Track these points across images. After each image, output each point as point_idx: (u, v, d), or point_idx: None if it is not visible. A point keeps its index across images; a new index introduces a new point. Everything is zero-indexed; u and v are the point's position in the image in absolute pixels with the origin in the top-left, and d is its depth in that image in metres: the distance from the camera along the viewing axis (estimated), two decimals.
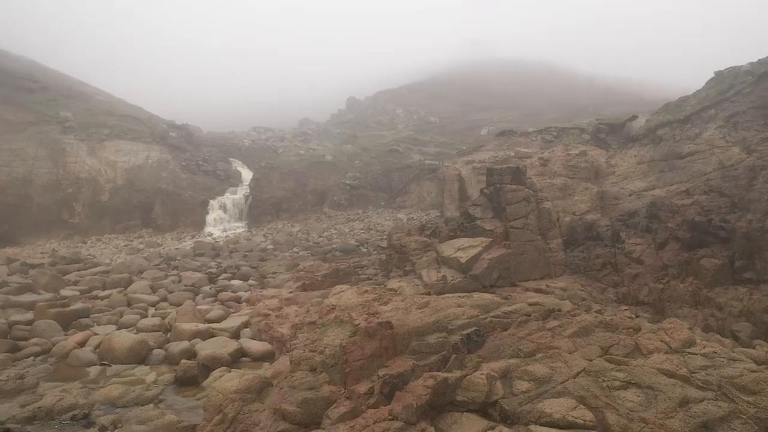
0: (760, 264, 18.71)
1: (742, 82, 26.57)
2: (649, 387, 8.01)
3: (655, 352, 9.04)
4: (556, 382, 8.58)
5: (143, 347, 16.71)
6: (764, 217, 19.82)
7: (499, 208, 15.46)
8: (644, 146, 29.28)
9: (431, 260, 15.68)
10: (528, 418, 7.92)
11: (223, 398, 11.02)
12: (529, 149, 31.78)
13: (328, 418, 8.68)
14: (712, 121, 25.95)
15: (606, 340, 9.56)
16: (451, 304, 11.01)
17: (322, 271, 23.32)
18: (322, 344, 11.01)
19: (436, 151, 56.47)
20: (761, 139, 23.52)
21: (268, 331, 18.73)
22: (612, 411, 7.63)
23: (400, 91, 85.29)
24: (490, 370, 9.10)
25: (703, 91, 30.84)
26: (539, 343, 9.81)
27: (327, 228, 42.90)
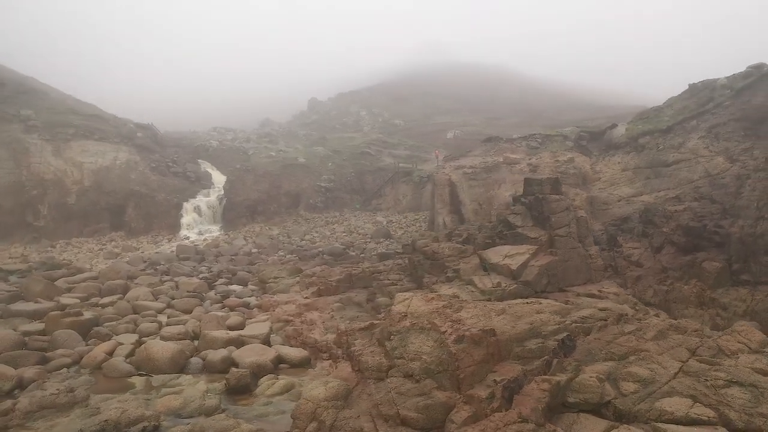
0: (755, 267, 20.23)
1: (721, 95, 28.47)
2: (752, 385, 8.88)
3: (738, 353, 9.96)
4: (661, 383, 9.34)
5: (182, 356, 16.58)
6: (755, 223, 21.40)
7: (541, 217, 16.24)
8: (627, 154, 30.87)
9: (475, 267, 16.29)
10: (647, 417, 8.63)
11: (314, 406, 11.25)
12: (517, 155, 32.91)
13: (453, 423, 9.13)
14: (695, 132, 27.70)
15: (689, 342, 10.43)
16: (529, 311, 11.64)
17: (334, 277, 23.55)
18: (408, 351, 11.42)
19: (407, 154, 57.21)
20: (743, 149, 25.33)
21: (297, 337, 18.87)
22: (727, 408, 8.44)
23: (362, 92, 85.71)
24: (594, 372, 9.80)
25: (679, 102, 32.76)
26: (628, 347, 10.59)
27: (307, 231, 42.92)
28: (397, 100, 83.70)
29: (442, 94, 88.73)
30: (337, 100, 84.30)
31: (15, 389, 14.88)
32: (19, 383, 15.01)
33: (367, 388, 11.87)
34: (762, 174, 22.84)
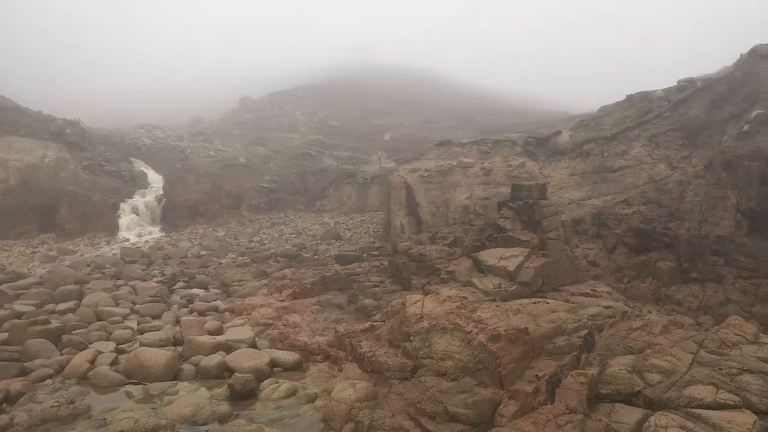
0: (702, 266, 22.21)
1: (659, 106, 30.82)
2: (761, 372, 10.02)
3: (738, 344, 11.16)
4: (681, 373, 10.33)
5: (175, 363, 16.24)
6: (699, 225, 23.48)
7: (531, 221, 17.13)
8: (573, 159, 32.75)
9: (469, 268, 16.94)
10: (677, 404, 9.55)
11: (348, 407, 11.53)
12: (469, 159, 34.08)
13: (503, 417, 9.68)
14: (637, 140, 29.84)
15: (694, 336, 11.55)
16: (544, 310, 12.42)
17: (308, 279, 23.61)
18: (436, 351, 11.91)
19: (348, 156, 57.52)
20: (681, 157, 27.59)
21: (284, 340, 18.84)
22: (747, 393, 9.51)
23: (295, 93, 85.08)
24: (620, 365, 10.67)
25: (618, 111, 35.10)
26: (642, 341, 11.57)
27: (254, 232, 42.34)
28: (331, 101, 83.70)
29: (372, 96, 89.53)
30: (270, 100, 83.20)
31: (2, 403, 14.12)
32: (6, 396, 14.23)
33: (394, 388, 12.25)
34: (702, 180, 25.02)
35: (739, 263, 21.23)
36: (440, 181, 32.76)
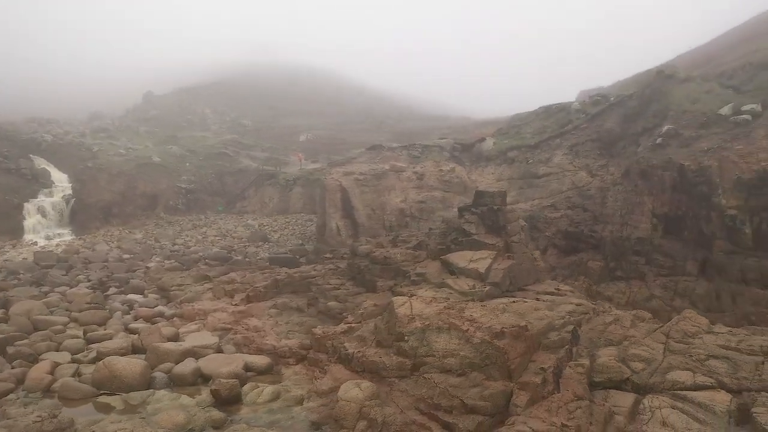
0: (626, 265, 24.62)
1: (578, 118, 33.49)
2: (724, 357, 11.65)
3: (697, 334, 12.82)
4: (659, 361, 11.77)
5: (148, 372, 15.84)
6: (621, 228, 25.95)
7: (495, 225, 18.24)
8: (499, 165, 34.76)
9: (439, 270, 17.76)
10: (662, 387, 10.93)
11: (358, 406, 11.98)
12: (401, 163, 35.16)
13: (517, 406, 10.57)
14: (559, 149, 32.26)
15: (659, 328, 13.12)
16: (528, 309, 13.52)
17: (260, 283, 23.53)
18: (436, 349, 12.66)
19: (265, 156, 56.90)
20: (600, 165, 30.24)
21: (250, 344, 18.82)
22: (718, 375, 11.05)
23: (202, 90, 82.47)
24: (607, 356, 11.96)
25: (537, 121, 37.63)
26: (618, 334, 12.95)
27: (176, 235, 40.98)
28: (240, 99, 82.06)
29: (281, 96, 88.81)
30: (177, 96, 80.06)
31: None
32: None
33: (396, 386, 12.87)
34: (620, 187, 27.63)
35: (658, 262, 23.76)
36: (375, 184, 33.57)
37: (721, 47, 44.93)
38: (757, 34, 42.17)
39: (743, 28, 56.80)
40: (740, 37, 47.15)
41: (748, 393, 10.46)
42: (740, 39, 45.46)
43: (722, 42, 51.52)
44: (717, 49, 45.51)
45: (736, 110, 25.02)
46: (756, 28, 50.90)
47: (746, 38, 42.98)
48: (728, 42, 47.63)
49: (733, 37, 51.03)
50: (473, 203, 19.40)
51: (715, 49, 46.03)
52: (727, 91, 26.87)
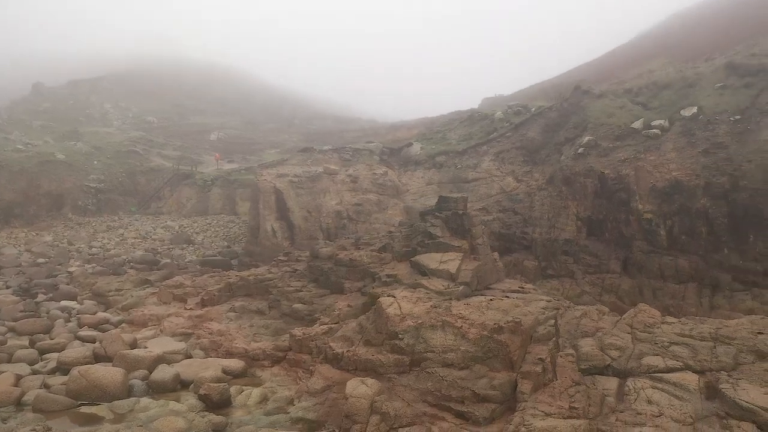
0: (556, 264, 26.85)
1: (502, 126, 35.72)
2: (683, 343, 13.46)
3: (654, 324, 14.63)
4: (631, 348, 13.38)
5: (127, 380, 15.48)
6: (549, 230, 28.23)
7: (460, 229, 19.33)
8: (428, 170, 36.28)
9: (410, 272, 18.56)
10: (640, 371, 12.52)
11: (369, 401, 12.63)
12: (335, 166, 35.69)
13: (523, 393, 11.67)
14: (486, 155, 34.28)
15: (621, 319, 14.83)
16: (509, 306, 14.72)
17: (214, 287, 23.27)
18: (434, 345, 13.55)
19: (178, 155, 55.02)
20: (524, 172, 32.54)
21: (218, 348, 18.79)
22: (682, 359, 12.81)
23: (100, 82, 77.67)
24: (589, 346, 13.42)
25: (461, 128, 39.62)
26: (591, 326, 14.47)
27: (91, 237, 38.86)
28: (142, 94, 78.28)
29: (185, 92, 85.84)
30: (71, 88, 74.76)
31: None
32: None
33: (397, 381, 13.63)
34: (545, 192, 29.98)
35: (585, 261, 26.17)
36: (310, 186, 33.86)
37: (618, 64, 49.47)
38: (647, 54, 46.93)
39: (631, 45, 62.83)
40: (632, 55, 52.16)
41: (710, 372, 12.30)
42: (632, 57, 50.29)
43: (617, 58, 56.70)
44: (613, 64, 50.03)
45: (647, 125, 28.04)
46: (643, 45, 56.57)
47: (638, 56, 47.69)
48: (623, 59, 52.50)
49: (625, 54, 56.31)
50: (436, 207, 20.52)
51: (611, 65, 50.56)
52: (637, 107, 30.00)
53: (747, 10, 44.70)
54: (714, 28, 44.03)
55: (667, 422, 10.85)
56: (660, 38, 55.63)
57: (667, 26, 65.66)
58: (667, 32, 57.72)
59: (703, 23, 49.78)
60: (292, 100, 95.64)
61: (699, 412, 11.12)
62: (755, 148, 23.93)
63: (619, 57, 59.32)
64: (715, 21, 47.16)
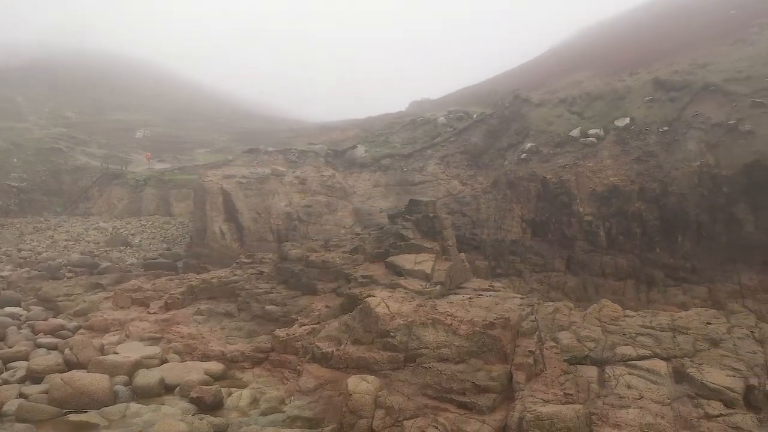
0: (504, 264, 28.40)
1: (446, 131, 37.07)
2: (648, 334, 14.95)
3: (618, 318, 16.09)
4: (603, 340, 14.71)
5: (112, 386, 15.23)
6: (496, 231, 29.81)
7: (431, 231, 20.12)
8: (374, 172, 37.05)
9: (385, 272, 19.09)
10: (615, 360, 13.84)
11: (372, 397, 13.23)
12: (281, 167, 35.69)
13: (519, 383, 12.64)
14: (431, 159, 35.49)
15: (588, 314, 16.21)
16: (490, 303, 15.70)
17: (176, 290, 22.91)
18: (428, 342, 14.35)
19: (104, 153, 52.76)
20: (469, 175, 34.02)
21: (193, 352, 18.72)
22: (650, 347, 14.26)
23: (8, 74, 72.66)
24: (567, 338, 14.63)
25: (403, 132, 40.67)
26: (564, 321, 15.71)
27: (18, 239, 36.75)
28: (58, 88, 74.05)
29: (105, 88, 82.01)
30: None
31: None
32: None
33: (394, 377, 14.32)
34: (490, 196, 31.56)
35: (531, 261, 27.84)
36: (259, 188, 33.70)
37: (545, 72, 52.19)
38: (573, 65, 49.91)
39: (554, 55, 66.44)
40: (557, 64, 55.24)
41: (675, 359, 13.85)
42: (558, 66, 53.28)
43: (540, 66, 59.83)
44: (541, 73, 52.71)
45: (584, 133, 30.17)
46: (566, 56, 60.02)
47: (564, 66, 50.62)
48: (547, 68, 55.49)
49: (549, 63, 59.51)
50: (406, 210, 21.32)
51: (540, 73, 53.23)
52: (573, 116, 32.16)
53: (662, 29, 48.70)
54: (634, 42, 47.56)
55: (649, 404, 12.21)
56: (582, 50, 59.22)
57: (585, 39, 70.02)
58: (587, 44, 61.53)
59: (623, 38, 53.57)
60: (215, 98, 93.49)
61: (673, 393, 12.57)
62: (682, 157, 26.42)
63: (542, 66, 62.63)
64: (635, 36, 50.90)
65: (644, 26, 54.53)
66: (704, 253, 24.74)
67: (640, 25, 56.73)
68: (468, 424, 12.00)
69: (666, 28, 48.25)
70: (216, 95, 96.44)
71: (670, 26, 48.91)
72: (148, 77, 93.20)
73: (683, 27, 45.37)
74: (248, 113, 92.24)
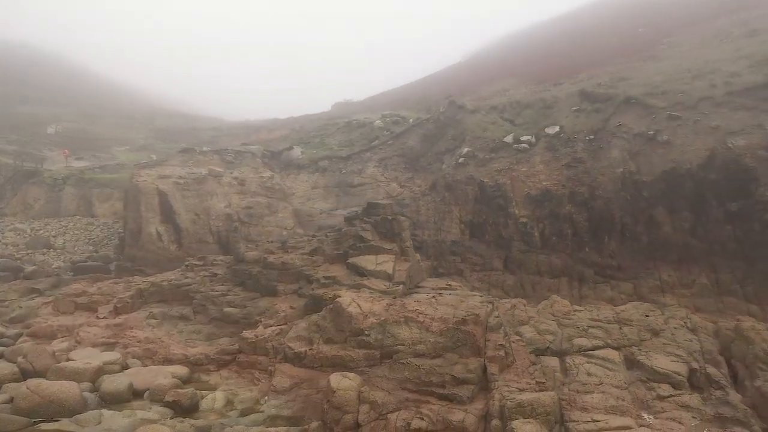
0: (445, 264, 29.61)
1: (384, 135, 37.92)
2: (597, 326, 16.38)
3: (569, 313, 17.43)
4: (560, 333, 15.96)
5: (82, 393, 14.84)
6: (437, 232, 31.01)
7: (390, 233, 20.68)
8: (312, 174, 37.37)
9: (347, 273, 19.48)
10: (573, 350, 15.12)
11: (356, 393, 13.80)
12: (219, 168, 35.17)
13: (494, 374, 13.56)
14: (370, 162, 36.25)
15: (553, 310, 17.50)
16: (454, 301, 16.57)
17: (122, 294, 22.26)
18: (403, 339, 15.07)
19: (15, 150, 49.46)
20: (407, 178, 35.10)
21: (153, 356, 18.44)
22: (602, 338, 15.67)
23: None
24: (529, 332, 15.77)
25: (338, 135, 41.18)
26: (523, 316, 16.83)
27: None
28: None
29: (7, 77, 76.52)
30: None
31: None
32: None
33: (372, 373, 14.93)
34: (429, 198, 32.72)
35: (471, 260, 29.20)
36: (197, 189, 33.08)
37: (467, 79, 54.36)
38: (497, 73, 52.31)
39: (475, 63, 69.08)
40: (479, 71, 57.63)
41: (625, 348, 15.38)
42: (481, 73, 55.63)
43: (463, 72, 62.14)
44: (466, 79, 54.81)
45: (517, 139, 31.99)
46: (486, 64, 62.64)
47: (488, 74, 52.96)
48: (469, 74, 57.80)
49: (470, 70, 61.91)
50: (364, 213, 21.92)
51: (465, 80, 55.30)
52: (506, 123, 33.99)
53: (577, 43, 52.02)
54: (554, 55, 50.48)
55: (609, 388, 13.57)
56: (500, 59, 62.04)
57: (502, 49, 73.33)
58: (505, 54, 64.51)
59: (540, 50, 56.64)
60: (130, 94, 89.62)
61: (628, 378, 14.01)
62: (607, 163, 28.68)
63: (463, 73, 65.04)
64: (553, 49, 53.98)
65: (560, 40, 57.91)
66: (628, 252, 26.99)
67: (556, 38, 60.20)
68: (452, 413, 12.82)
69: (580, 43, 51.61)
70: (131, 91, 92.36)
71: (585, 41, 52.38)
72: (59, 70, 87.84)
73: (597, 42, 48.77)
74: (164, 110, 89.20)
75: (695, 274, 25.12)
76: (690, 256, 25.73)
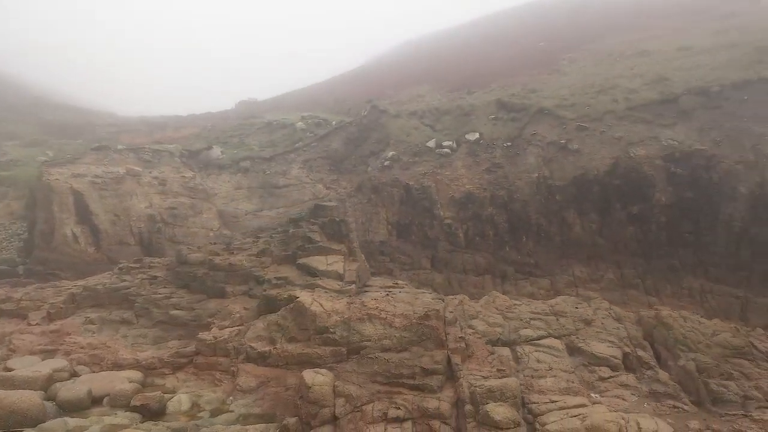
0: (375, 263, 30.53)
1: (307, 138, 38.23)
2: (541, 319, 17.96)
3: (512, 306, 18.91)
4: (507, 325, 17.34)
5: (43, 402, 14.30)
6: (365, 233, 31.91)
7: (337, 234, 21.11)
8: (234, 174, 36.94)
9: (298, 273, 19.65)
10: (521, 341, 16.55)
11: (330, 387, 14.46)
12: (137, 167, 33.84)
13: (458, 364, 14.63)
14: (295, 163, 36.45)
15: (496, 305, 18.87)
16: (410, 298, 17.51)
17: (53, 299, 21.18)
18: (369, 335, 15.86)
19: None
20: (332, 180, 35.73)
21: (101, 362, 17.95)
22: (545, 329, 17.24)
23: None
24: (482, 325, 17.04)
25: (259, 135, 40.92)
26: (472, 311, 18.04)
27: None
28: None
29: None
30: None
31: None
32: None
33: (341, 368, 15.61)
34: (355, 199, 33.60)
35: (399, 260, 30.42)
36: (115, 188, 31.70)
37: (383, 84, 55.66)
38: (409, 79, 54.03)
39: (383, 66, 70.65)
40: (387, 76, 59.16)
41: (565, 337, 17.13)
42: (390, 78, 57.17)
43: (372, 76, 63.49)
44: (380, 84, 56.07)
45: (439, 144, 33.65)
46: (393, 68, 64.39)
47: (400, 79, 54.57)
48: (379, 78, 59.20)
49: (379, 74, 63.39)
50: (311, 214, 22.39)
51: (374, 83, 56.55)
52: (427, 128, 35.56)
53: (481, 54, 54.98)
54: (463, 64, 52.98)
55: (559, 373, 15.18)
56: (409, 65, 64.04)
57: (408, 54, 75.59)
58: (413, 60, 66.64)
59: (449, 58, 59.09)
60: (13, 84, 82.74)
61: (573, 363, 15.71)
62: (523, 169, 31.01)
63: (373, 76, 66.42)
64: (461, 58, 56.56)
65: (466, 49, 60.85)
66: (544, 250, 29.42)
67: (462, 46, 63.14)
68: (427, 401, 13.84)
69: (487, 52, 54.65)
70: (13, 81, 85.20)
71: (489, 51, 55.52)
72: None
73: (504, 53, 51.91)
74: (52, 103, 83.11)
75: (603, 270, 27.93)
76: (598, 254, 28.55)
